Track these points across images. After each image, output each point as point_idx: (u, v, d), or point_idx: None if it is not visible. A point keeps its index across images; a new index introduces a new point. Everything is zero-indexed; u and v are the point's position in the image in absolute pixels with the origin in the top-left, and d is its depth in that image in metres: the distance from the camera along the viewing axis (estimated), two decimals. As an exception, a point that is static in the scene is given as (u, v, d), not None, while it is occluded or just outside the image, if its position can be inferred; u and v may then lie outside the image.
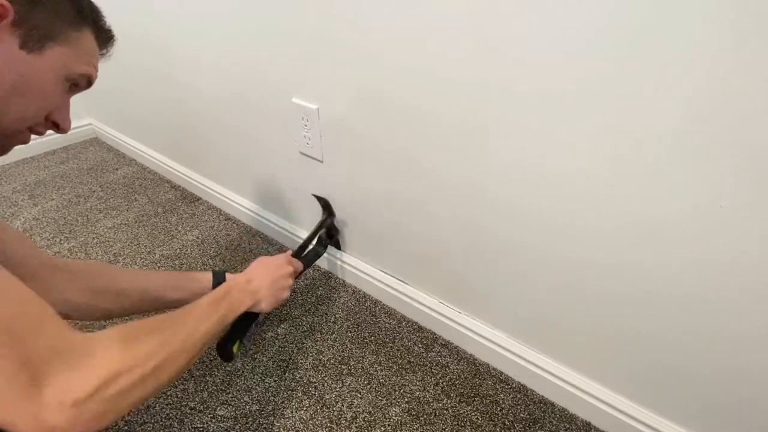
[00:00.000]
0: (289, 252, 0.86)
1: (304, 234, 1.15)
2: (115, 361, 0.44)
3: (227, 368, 0.90)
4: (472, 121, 0.68)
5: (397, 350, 0.94)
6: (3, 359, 0.38)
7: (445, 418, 0.81)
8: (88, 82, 0.56)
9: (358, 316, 1.02)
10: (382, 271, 1.02)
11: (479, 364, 0.91)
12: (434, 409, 0.83)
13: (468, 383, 0.87)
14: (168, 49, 1.18)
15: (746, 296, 0.56)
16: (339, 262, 1.09)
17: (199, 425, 0.81)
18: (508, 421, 0.81)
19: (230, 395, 0.86)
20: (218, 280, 0.79)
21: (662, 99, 0.51)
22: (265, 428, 0.80)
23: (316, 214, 1.09)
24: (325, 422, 0.81)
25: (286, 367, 0.91)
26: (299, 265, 0.86)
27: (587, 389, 0.78)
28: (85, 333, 0.45)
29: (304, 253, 0.91)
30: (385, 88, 0.76)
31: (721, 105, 0.48)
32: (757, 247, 0.52)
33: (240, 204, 1.30)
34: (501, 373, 0.89)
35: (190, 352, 0.55)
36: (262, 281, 0.73)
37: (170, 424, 0.81)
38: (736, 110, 0.47)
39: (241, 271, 0.79)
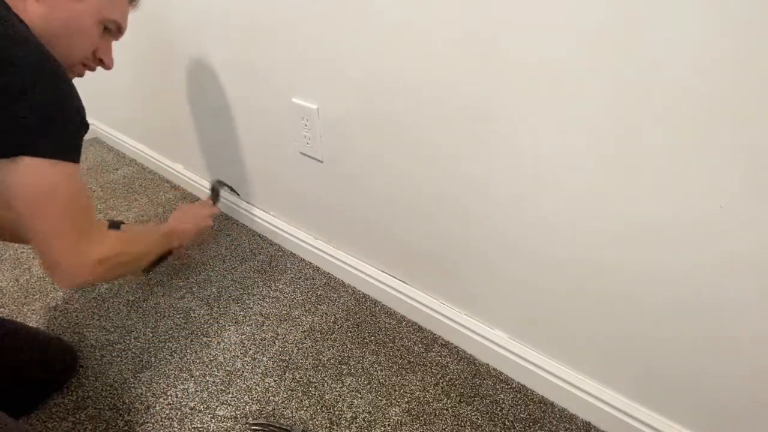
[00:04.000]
0: (209, 201, 1.10)
1: (305, 235, 1.16)
2: (119, 249, 0.71)
3: (227, 368, 0.90)
4: (474, 119, 0.68)
5: (397, 350, 0.94)
6: (64, 222, 0.62)
7: (445, 418, 0.81)
8: (117, 29, 0.74)
9: (358, 316, 1.02)
10: (382, 271, 1.02)
11: (479, 364, 0.90)
12: (434, 409, 0.83)
13: (468, 383, 0.87)
14: (168, 49, 1.18)
15: (747, 296, 0.56)
16: (339, 263, 1.09)
17: (199, 425, 0.81)
18: (508, 421, 0.81)
19: (230, 395, 0.86)
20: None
21: (664, 95, 0.51)
22: (265, 428, 0.80)
23: (316, 216, 1.09)
24: (325, 422, 0.81)
25: (286, 367, 0.91)
26: (216, 209, 1.08)
27: (587, 389, 0.78)
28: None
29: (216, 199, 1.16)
30: (386, 88, 0.76)
31: (722, 104, 0.48)
32: (757, 247, 0.52)
33: (239, 205, 1.30)
34: (501, 373, 0.89)
35: (145, 261, 0.83)
36: (192, 228, 0.97)
37: (170, 424, 0.81)
38: (738, 110, 0.47)
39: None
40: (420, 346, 0.95)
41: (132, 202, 1.42)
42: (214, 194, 1.15)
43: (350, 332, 0.98)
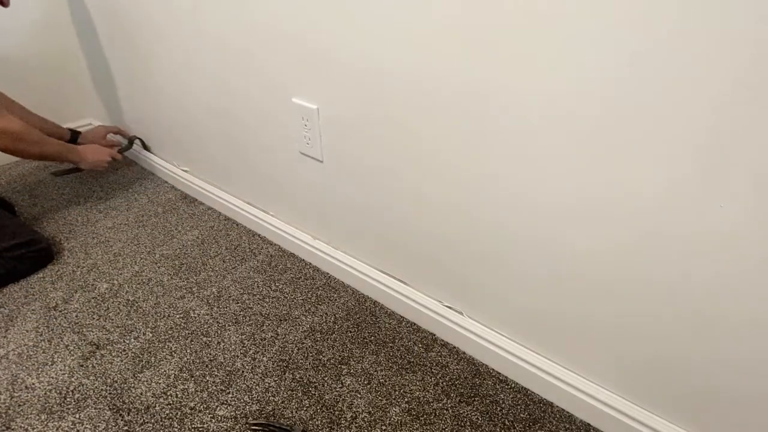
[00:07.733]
0: (116, 149, 1.45)
1: (304, 235, 1.16)
2: (15, 129, 1.10)
3: (227, 368, 0.90)
4: (475, 119, 0.68)
5: (397, 350, 0.94)
6: None
7: (445, 418, 0.81)
8: None
9: (358, 316, 1.02)
10: (381, 271, 1.03)
11: (479, 364, 0.91)
12: (434, 409, 0.83)
13: (468, 383, 0.87)
14: (167, 48, 1.18)
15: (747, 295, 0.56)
16: (339, 263, 1.09)
17: (199, 425, 0.81)
18: (508, 421, 0.81)
19: (230, 395, 0.86)
20: (74, 136, 1.43)
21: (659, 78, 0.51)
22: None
23: (315, 216, 1.09)
24: (325, 422, 0.81)
25: (286, 367, 0.91)
26: (117, 155, 1.42)
27: (587, 390, 0.78)
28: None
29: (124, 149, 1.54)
30: (386, 87, 0.76)
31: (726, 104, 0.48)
32: (757, 232, 0.52)
33: (238, 206, 1.30)
34: (500, 373, 0.89)
35: (39, 150, 1.19)
36: (90, 156, 1.33)
37: (170, 424, 0.81)
38: (736, 106, 0.48)
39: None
40: (420, 346, 0.95)
41: (132, 202, 1.42)
42: (128, 144, 1.50)
43: (350, 332, 0.98)
